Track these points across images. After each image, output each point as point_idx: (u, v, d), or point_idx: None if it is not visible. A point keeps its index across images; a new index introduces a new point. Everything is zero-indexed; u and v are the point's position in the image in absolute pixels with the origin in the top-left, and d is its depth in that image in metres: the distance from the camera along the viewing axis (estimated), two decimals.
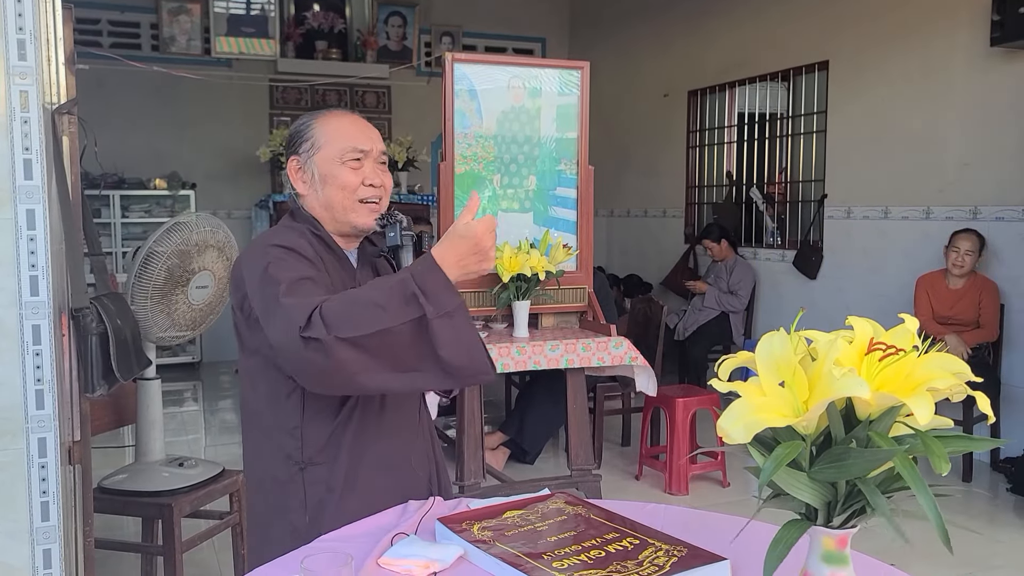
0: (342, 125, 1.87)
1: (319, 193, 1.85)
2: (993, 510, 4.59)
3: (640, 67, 8.73)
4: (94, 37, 8.06)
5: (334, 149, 1.84)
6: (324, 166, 1.84)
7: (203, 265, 3.09)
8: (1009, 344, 5.16)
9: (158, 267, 2.95)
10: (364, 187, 1.85)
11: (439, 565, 1.46)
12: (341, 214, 1.85)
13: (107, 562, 3.39)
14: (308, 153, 1.86)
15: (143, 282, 2.94)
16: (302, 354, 1.56)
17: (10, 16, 2.06)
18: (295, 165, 1.88)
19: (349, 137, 1.85)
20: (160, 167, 8.16)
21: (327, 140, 1.85)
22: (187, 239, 3.01)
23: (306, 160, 1.86)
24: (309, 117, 1.90)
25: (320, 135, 1.86)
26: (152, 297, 2.96)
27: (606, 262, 8.86)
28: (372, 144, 1.87)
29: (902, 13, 5.78)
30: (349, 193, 1.84)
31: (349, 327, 1.55)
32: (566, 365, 3.94)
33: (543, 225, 4.22)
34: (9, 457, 2.12)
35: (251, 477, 1.93)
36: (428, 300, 1.58)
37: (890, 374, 1.10)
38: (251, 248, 1.83)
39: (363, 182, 1.85)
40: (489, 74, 4.12)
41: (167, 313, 3.02)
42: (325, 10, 8.95)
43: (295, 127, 1.91)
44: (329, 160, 1.84)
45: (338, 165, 1.83)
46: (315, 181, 1.85)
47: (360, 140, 1.86)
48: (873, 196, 6.07)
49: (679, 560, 1.41)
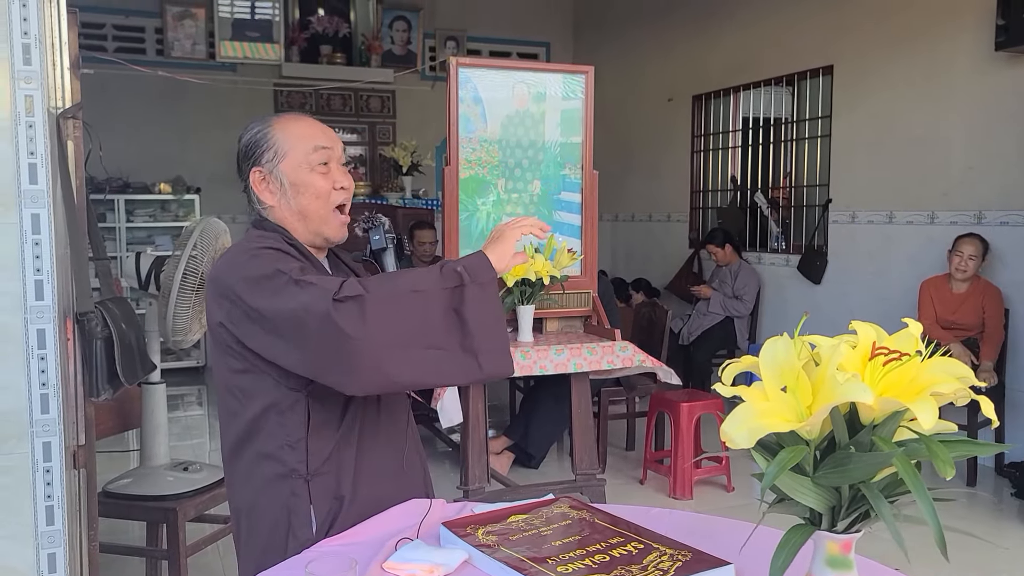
0: (301, 128, 1.82)
1: (291, 202, 1.80)
2: (998, 515, 4.58)
3: (644, 71, 8.73)
4: (99, 41, 8.09)
5: (299, 154, 1.79)
6: (293, 174, 1.79)
7: None
8: (1014, 349, 5.15)
9: (200, 276, 2.99)
10: (336, 191, 1.81)
11: (443, 569, 1.46)
12: (315, 224, 1.81)
13: (112, 566, 3.39)
14: (272, 162, 1.79)
15: (187, 291, 2.97)
16: (332, 318, 1.51)
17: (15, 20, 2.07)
18: (258, 176, 1.81)
19: (312, 138, 1.80)
20: (165, 171, 8.18)
21: (291, 146, 1.79)
22: (213, 244, 3.05)
23: (271, 169, 1.80)
24: (262, 124, 1.83)
25: (282, 141, 1.80)
26: (193, 305, 3.00)
27: (611, 267, 8.86)
28: (334, 143, 1.83)
29: (906, 17, 5.78)
30: (324, 201, 1.80)
31: (386, 288, 1.58)
32: (574, 369, 3.94)
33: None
34: (14, 461, 2.12)
35: (243, 503, 1.84)
36: (467, 272, 1.61)
37: (894, 379, 1.10)
38: (230, 258, 1.76)
39: (334, 186, 1.81)
40: (493, 78, 4.12)
41: (199, 318, 3.06)
42: (330, 14, 8.98)
43: (249, 137, 1.83)
44: (296, 167, 1.79)
45: (307, 172, 1.79)
46: (285, 190, 1.79)
47: (323, 139, 1.81)
48: (877, 200, 6.06)
49: (683, 565, 1.41)
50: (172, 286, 2.96)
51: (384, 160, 8.83)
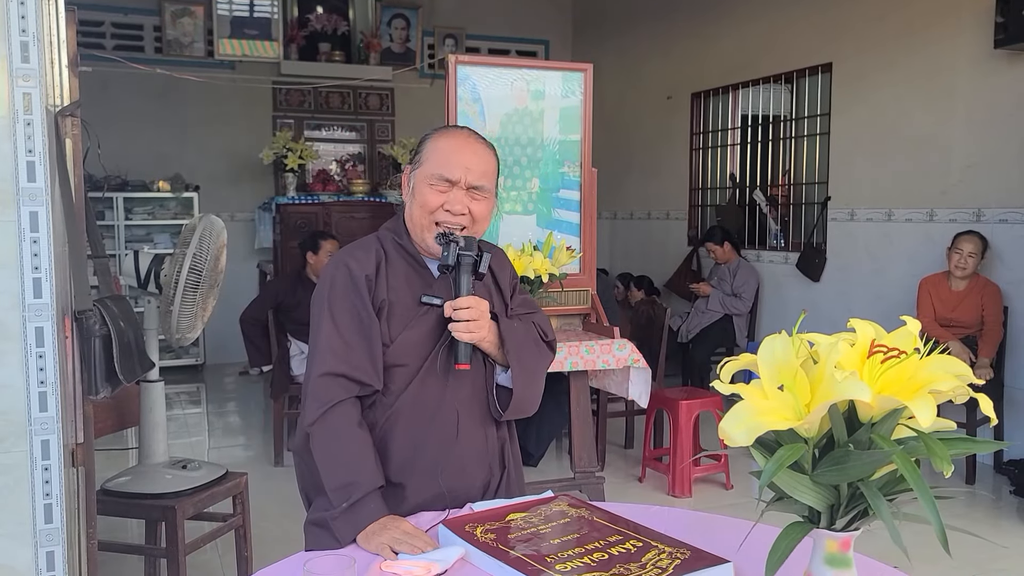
0: (446, 147, 1.93)
1: (409, 205, 1.95)
2: (997, 513, 4.58)
3: (643, 69, 8.73)
4: (97, 39, 8.08)
5: (428, 169, 1.91)
6: (420, 181, 1.92)
7: (223, 265, 3.15)
8: (1012, 347, 5.15)
9: (203, 274, 3.00)
10: (443, 211, 1.89)
11: (440, 567, 1.47)
12: (418, 231, 1.93)
13: (110, 564, 3.39)
14: (415, 166, 1.95)
15: (193, 289, 2.98)
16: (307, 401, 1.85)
17: (13, 18, 2.06)
18: (406, 174, 1.98)
19: (441, 164, 1.90)
20: (163, 169, 8.17)
21: (427, 158, 1.93)
22: (215, 242, 3.06)
23: (412, 172, 1.96)
24: (431, 131, 1.99)
25: (427, 152, 1.94)
26: (197, 303, 3.01)
27: (609, 265, 8.85)
28: (462, 175, 1.89)
29: (905, 15, 5.77)
30: (427, 213, 1.90)
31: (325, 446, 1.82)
32: (570, 368, 3.94)
33: (546, 227, 4.22)
34: (12, 459, 2.12)
35: None
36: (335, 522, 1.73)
37: (892, 377, 1.10)
38: (332, 259, 1.96)
39: (443, 206, 1.89)
40: (492, 76, 4.12)
41: (202, 316, 3.07)
42: (328, 12, 8.97)
43: (424, 137, 1.99)
44: (423, 177, 1.91)
45: (426, 185, 1.90)
46: (410, 192, 1.95)
47: (450, 169, 1.89)
48: (876, 198, 6.06)
49: (682, 563, 1.41)
50: (176, 285, 2.96)
51: (383, 158, 8.82)
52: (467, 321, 1.82)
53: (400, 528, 1.67)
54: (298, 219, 7.79)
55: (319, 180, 8.63)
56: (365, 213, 8.05)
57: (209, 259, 3.02)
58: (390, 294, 1.88)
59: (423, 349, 1.89)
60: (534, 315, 2.13)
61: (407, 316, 1.89)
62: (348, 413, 1.81)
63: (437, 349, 1.89)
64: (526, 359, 1.96)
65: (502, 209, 4.17)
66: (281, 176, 8.28)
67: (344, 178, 8.89)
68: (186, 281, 2.97)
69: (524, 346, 1.97)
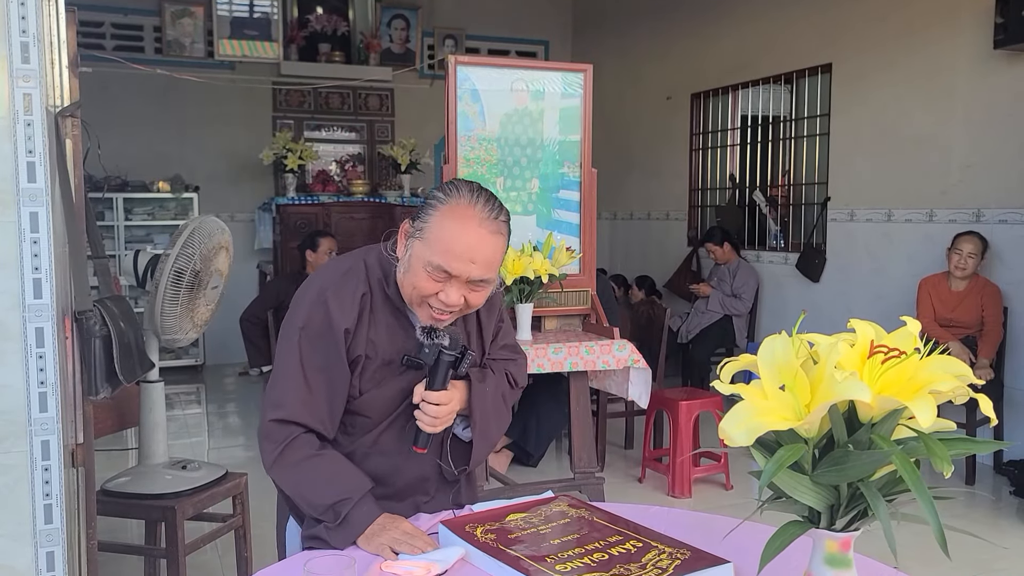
0: (453, 232, 1.73)
1: (403, 270, 1.79)
2: (996, 513, 4.58)
3: (643, 70, 8.73)
4: (97, 40, 8.07)
5: (428, 251, 1.73)
6: (415, 256, 1.75)
7: (217, 267, 3.12)
8: (1012, 347, 5.15)
9: (189, 274, 2.98)
10: (436, 299, 1.75)
11: (440, 567, 1.47)
12: (407, 298, 1.81)
13: (110, 565, 3.39)
14: (417, 233, 1.76)
15: (175, 289, 2.96)
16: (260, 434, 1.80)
17: (14, 19, 2.06)
18: (406, 229, 1.80)
19: (443, 252, 1.72)
20: (163, 170, 8.17)
21: (431, 238, 1.73)
22: (206, 243, 3.04)
23: (412, 234, 1.77)
24: (444, 195, 1.77)
25: (433, 227, 1.74)
26: (182, 303, 2.99)
27: (609, 265, 8.86)
28: (464, 271, 1.72)
29: (905, 15, 5.77)
30: (418, 295, 1.77)
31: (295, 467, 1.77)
32: (570, 368, 3.94)
33: (546, 228, 4.22)
34: (12, 460, 2.12)
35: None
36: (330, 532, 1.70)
37: (892, 377, 1.10)
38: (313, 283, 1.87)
39: (438, 294, 1.75)
40: (492, 77, 4.12)
41: (191, 317, 3.05)
42: (328, 13, 8.97)
43: (431, 194, 1.81)
44: (420, 256, 1.74)
45: (422, 267, 1.73)
46: (406, 259, 1.78)
47: (452, 263, 1.72)
48: (876, 199, 6.06)
49: (682, 563, 1.41)
50: (159, 284, 2.95)
51: (383, 158, 8.82)
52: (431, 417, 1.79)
53: (399, 528, 1.66)
54: (298, 220, 7.79)
55: (319, 181, 8.63)
56: (365, 213, 8.05)
57: (196, 259, 2.99)
58: (368, 348, 1.81)
59: (391, 405, 1.86)
60: (512, 362, 2.06)
61: (380, 373, 1.83)
62: (306, 443, 1.77)
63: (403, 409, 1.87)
64: (490, 429, 1.93)
65: None
66: (281, 177, 8.28)
67: (344, 179, 8.89)
68: (172, 282, 2.95)
69: (489, 415, 1.92)
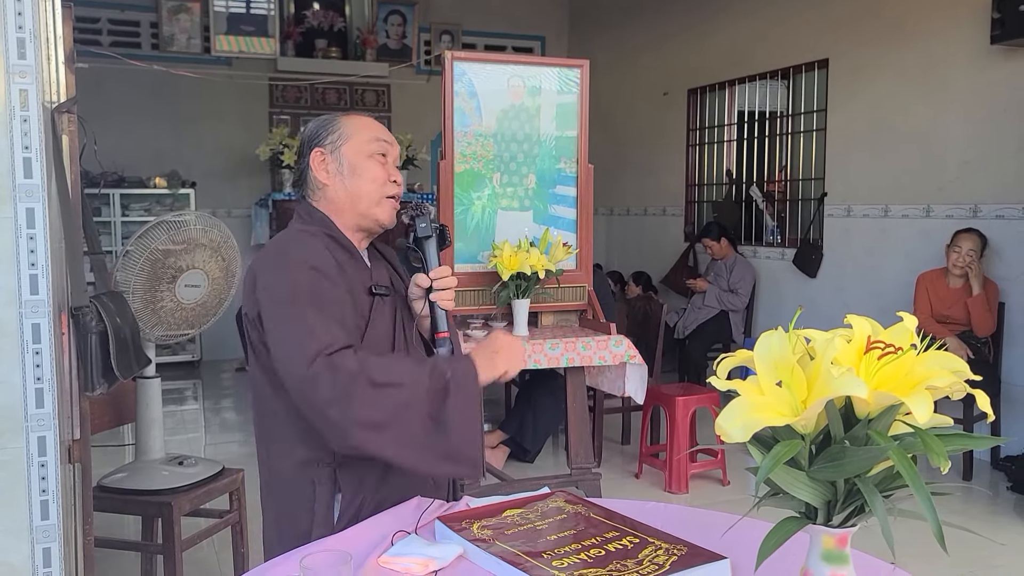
0: (365, 121, 1.95)
1: (347, 182, 1.89)
2: (994, 509, 4.59)
3: (640, 65, 8.72)
4: (94, 36, 8.06)
5: (362, 140, 1.90)
6: (353, 156, 1.89)
7: (191, 263, 3.08)
8: (1009, 342, 5.16)
9: (139, 263, 2.96)
10: (389, 183, 1.91)
11: (438, 563, 1.47)
12: (366, 207, 1.90)
13: (107, 561, 3.39)
14: (335, 143, 1.91)
15: (126, 277, 2.95)
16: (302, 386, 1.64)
17: (10, 15, 2.06)
18: (319, 156, 1.91)
19: (374, 129, 1.94)
20: (160, 166, 8.16)
21: (355, 131, 1.91)
22: (173, 237, 3.02)
23: (332, 150, 1.90)
24: (330, 116, 1.97)
25: (347, 127, 1.92)
26: (134, 292, 2.96)
27: (605, 260, 8.86)
28: (391, 150, 1.94)
29: (902, 10, 5.77)
30: (378, 186, 1.89)
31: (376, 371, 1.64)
32: (566, 364, 3.94)
33: (543, 223, 4.22)
34: (9, 456, 2.12)
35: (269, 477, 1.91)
36: (453, 380, 1.68)
37: (889, 372, 1.10)
38: (268, 259, 1.81)
39: (388, 177, 1.91)
40: (489, 72, 4.12)
41: (153, 310, 3.02)
42: (325, 9, 8.95)
43: (318, 122, 1.96)
44: (358, 150, 1.90)
45: (366, 157, 1.89)
46: (342, 170, 1.90)
47: (384, 134, 1.94)
48: (873, 194, 6.07)
49: (679, 559, 1.41)
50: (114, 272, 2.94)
51: None
52: (447, 289, 1.88)
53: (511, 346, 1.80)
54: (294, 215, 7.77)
55: None
56: None
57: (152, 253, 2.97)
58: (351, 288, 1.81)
59: (387, 342, 1.87)
60: None
61: (363, 310, 1.84)
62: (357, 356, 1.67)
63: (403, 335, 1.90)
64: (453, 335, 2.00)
65: (498, 205, 4.17)
66: (277, 172, 8.27)
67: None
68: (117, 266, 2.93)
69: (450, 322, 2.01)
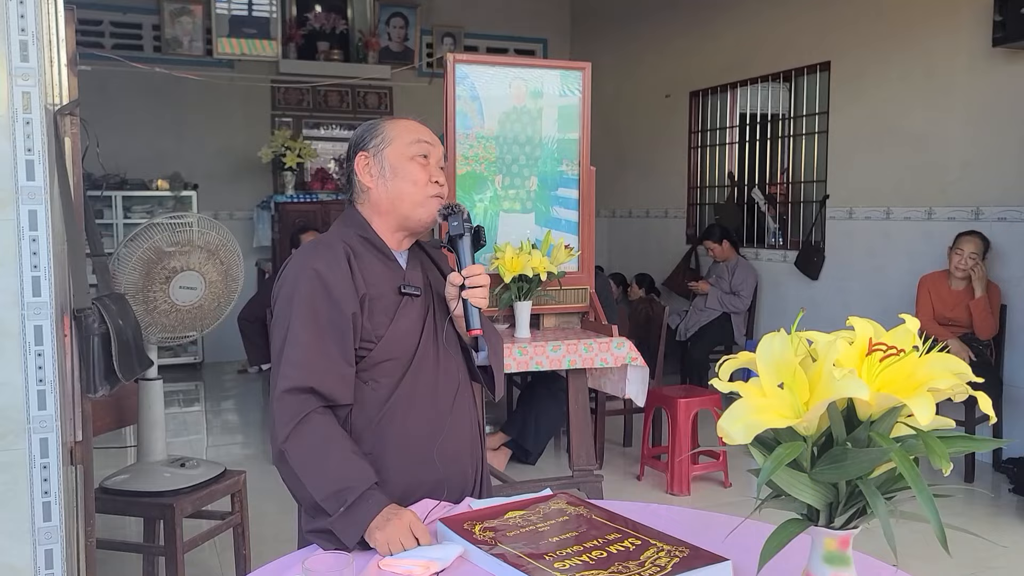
0: (408, 123, 1.99)
1: (388, 184, 1.93)
2: (995, 511, 4.58)
3: (641, 68, 8.73)
4: (96, 38, 8.07)
5: (404, 142, 1.94)
6: (395, 159, 1.94)
7: (186, 265, 3.08)
8: (1011, 344, 5.16)
9: (132, 263, 2.96)
10: (431, 184, 1.93)
11: (439, 565, 1.47)
12: (409, 208, 1.93)
13: (109, 562, 3.39)
14: (378, 147, 1.95)
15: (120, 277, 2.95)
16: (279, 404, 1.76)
17: (12, 17, 2.06)
18: (363, 160, 1.96)
19: (416, 132, 1.97)
20: (162, 168, 8.16)
21: (397, 134, 1.96)
22: (166, 238, 3.02)
23: (375, 154, 1.95)
24: (378, 119, 2.02)
25: (390, 130, 1.96)
26: (128, 292, 2.95)
27: (607, 263, 8.85)
28: (435, 144, 1.98)
29: (903, 13, 5.77)
30: (419, 188, 1.92)
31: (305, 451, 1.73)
32: (568, 366, 3.94)
33: (544, 226, 4.22)
34: (11, 457, 2.12)
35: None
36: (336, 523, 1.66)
37: (891, 375, 1.10)
38: (292, 263, 1.90)
39: (430, 179, 1.94)
40: (491, 75, 4.12)
41: (146, 310, 3.02)
42: (327, 11, 8.95)
43: (364, 127, 2.02)
44: (399, 153, 1.94)
45: (407, 160, 1.93)
46: (384, 173, 1.94)
47: (426, 135, 1.97)
48: (875, 197, 6.06)
49: (681, 561, 1.41)
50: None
51: None
52: (480, 287, 1.89)
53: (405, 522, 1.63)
54: (296, 218, 7.79)
55: (317, 179, 8.62)
56: None
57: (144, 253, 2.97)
58: (369, 289, 1.85)
59: (412, 340, 1.89)
60: None
61: (390, 309, 1.87)
62: (322, 422, 1.75)
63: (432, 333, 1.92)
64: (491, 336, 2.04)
65: (500, 207, 4.17)
66: (280, 175, 8.28)
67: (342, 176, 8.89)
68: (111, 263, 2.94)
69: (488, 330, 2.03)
